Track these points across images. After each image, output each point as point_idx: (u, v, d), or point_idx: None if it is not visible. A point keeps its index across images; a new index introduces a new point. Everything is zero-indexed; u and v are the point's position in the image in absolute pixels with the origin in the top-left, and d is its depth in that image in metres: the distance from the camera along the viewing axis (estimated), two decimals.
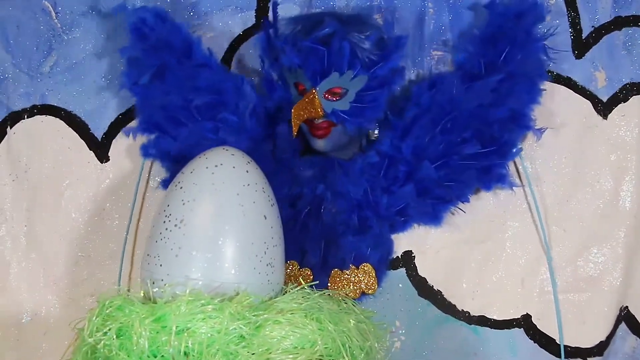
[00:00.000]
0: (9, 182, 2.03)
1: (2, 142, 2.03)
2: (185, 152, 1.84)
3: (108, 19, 1.99)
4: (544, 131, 1.91)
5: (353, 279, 1.88)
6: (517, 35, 1.85)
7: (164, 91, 1.87)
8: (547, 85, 1.91)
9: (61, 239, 2.02)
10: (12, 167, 2.03)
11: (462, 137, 1.85)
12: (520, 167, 1.95)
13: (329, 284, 1.87)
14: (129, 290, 1.60)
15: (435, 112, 1.85)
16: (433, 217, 1.91)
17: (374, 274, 1.89)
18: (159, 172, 1.99)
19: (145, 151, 1.92)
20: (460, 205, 1.92)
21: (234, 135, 1.85)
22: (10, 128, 2.02)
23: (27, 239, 2.02)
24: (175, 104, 1.87)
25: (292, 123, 1.79)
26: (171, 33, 1.88)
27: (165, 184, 1.91)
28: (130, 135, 1.96)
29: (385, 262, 1.93)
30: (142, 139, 1.94)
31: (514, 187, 1.92)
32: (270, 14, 1.88)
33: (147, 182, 2.01)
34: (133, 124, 1.98)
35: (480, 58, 1.85)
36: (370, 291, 1.89)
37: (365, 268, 1.89)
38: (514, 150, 1.89)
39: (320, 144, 1.86)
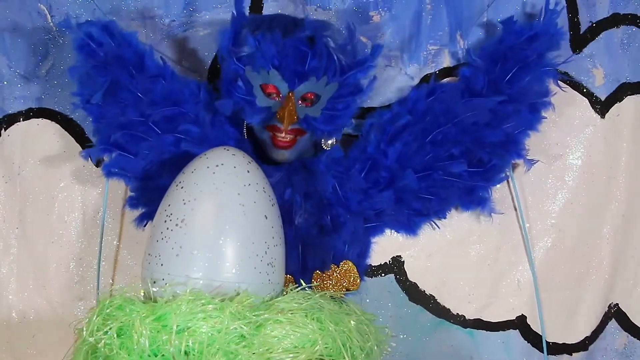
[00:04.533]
0: (1, 184, 2.01)
1: None
2: (147, 168, 1.83)
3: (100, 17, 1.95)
4: (534, 162, 1.92)
5: (335, 278, 1.86)
6: (529, 56, 1.83)
7: (119, 108, 1.82)
8: None
9: (53, 242, 2.02)
10: (5, 169, 2.02)
11: (451, 153, 1.83)
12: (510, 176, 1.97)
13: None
14: (111, 293, 1.59)
15: (428, 121, 1.84)
16: (407, 227, 1.91)
17: (355, 270, 1.87)
18: None
19: (108, 171, 1.87)
20: None
21: (196, 146, 1.79)
22: (5, 130, 2.01)
23: (18, 242, 2.02)
24: (132, 121, 1.82)
25: (283, 128, 1.76)
26: (121, 46, 1.82)
27: (132, 202, 1.89)
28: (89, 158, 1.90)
29: (364, 256, 1.92)
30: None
31: (493, 214, 1.92)
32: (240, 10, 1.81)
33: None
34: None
35: (486, 74, 1.84)
36: (353, 287, 1.87)
37: (346, 265, 1.87)
38: (501, 176, 1.90)
39: (283, 155, 1.82)
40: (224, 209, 1.57)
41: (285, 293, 1.60)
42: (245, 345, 1.45)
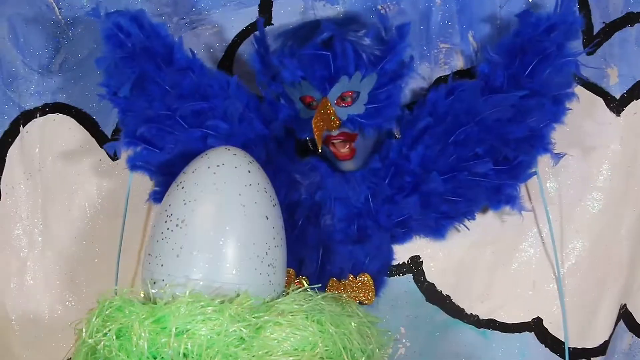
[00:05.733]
0: (23, 181, 2.03)
1: (15, 141, 2.03)
2: (173, 162, 1.79)
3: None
4: (562, 156, 1.84)
5: (350, 288, 1.83)
6: (548, 48, 1.76)
7: (146, 101, 1.79)
8: None
9: (76, 237, 2.02)
10: (26, 166, 2.03)
11: (475, 152, 1.78)
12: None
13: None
14: (132, 290, 1.59)
15: (450, 121, 1.79)
16: (435, 231, 1.86)
17: (372, 284, 1.84)
18: None
19: (132, 164, 1.85)
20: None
21: (223, 142, 1.76)
22: (23, 127, 2.02)
23: (42, 238, 2.03)
24: (159, 114, 1.79)
25: (315, 137, 1.73)
26: (150, 37, 1.79)
27: (156, 196, 1.86)
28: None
29: (384, 272, 1.89)
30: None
31: (523, 211, 1.85)
32: (257, 32, 1.82)
33: None
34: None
35: (505, 69, 1.77)
36: (367, 302, 1.84)
37: (364, 278, 1.84)
38: (528, 172, 1.83)
39: (347, 165, 1.82)
40: (225, 210, 1.55)
41: (286, 294, 1.59)
42: (244, 348, 1.43)
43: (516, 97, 1.76)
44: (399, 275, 1.94)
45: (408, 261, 1.94)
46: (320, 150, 1.77)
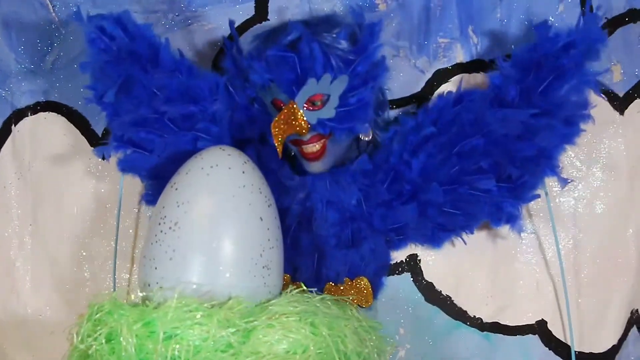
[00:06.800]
0: (14, 180, 2.01)
1: (7, 141, 2.01)
2: (163, 165, 1.76)
3: (102, 8, 1.86)
4: (570, 182, 1.79)
5: (347, 292, 1.78)
6: (565, 65, 1.67)
7: (134, 104, 1.74)
8: None
9: (65, 238, 2.00)
10: (17, 165, 2.01)
11: (479, 166, 1.72)
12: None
13: None
14: (128, 293, 1.57)
15: (455, 131, 1.73)
16: (431, 239, 1.81)
17: (369, 287, 1.80)
18: None
19: (123, 166, 1.81)
20: None
21: (213, 145, 1.69)
22: (15, 126, 2.00)
23: (32, 238, 2.01)
24: (147, 118, 1.75)
25: (275, 143, 1.68)
26: (135, 40, 1.73)
27: (147, 198, 1.83)
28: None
29: (381, 274, 1.84)
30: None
31: (522, 232, 1.80)
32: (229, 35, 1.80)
33: None
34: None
35: (517, 83, 1.70)
36: (365, 305, 1.79)
37: (361, 282, 1.80)
38: (532, 193, 1.77)
39: (315, 166, 1.76)
40: (218, 212, 1.53)
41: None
42: (233, 354, 1.40)
43: (527, 115, 1.69)
44: (397, 274, 1.90)
45: (406, 259, 1.90)
46: (280, 155, 1.72)
